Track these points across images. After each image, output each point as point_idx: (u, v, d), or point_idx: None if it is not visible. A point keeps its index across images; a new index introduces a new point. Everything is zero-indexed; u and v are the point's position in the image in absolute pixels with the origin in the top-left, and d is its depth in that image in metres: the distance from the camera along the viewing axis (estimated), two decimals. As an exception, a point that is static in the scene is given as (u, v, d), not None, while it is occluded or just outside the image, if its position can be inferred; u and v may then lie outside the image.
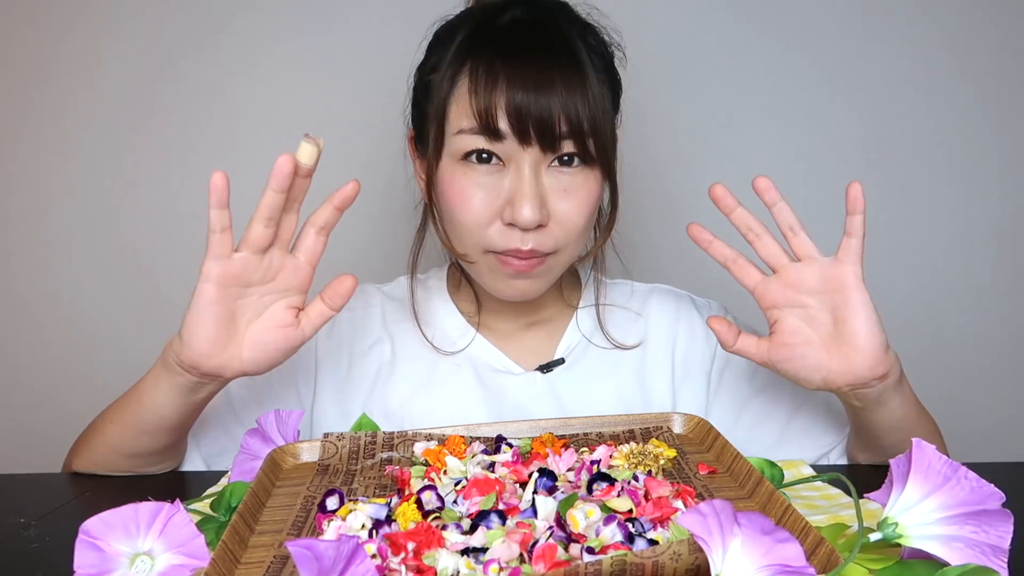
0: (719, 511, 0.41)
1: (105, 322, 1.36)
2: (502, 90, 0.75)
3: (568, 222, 0.80)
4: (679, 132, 1.33)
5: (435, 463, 0.65)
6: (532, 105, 0.75)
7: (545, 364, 0.91)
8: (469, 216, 0.79)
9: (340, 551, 0.40)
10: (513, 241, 0.79)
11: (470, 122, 0.77)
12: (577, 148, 0.78)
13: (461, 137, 0.78)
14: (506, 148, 0.77)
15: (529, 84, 0.75)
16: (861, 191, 0.70)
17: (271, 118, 1.33)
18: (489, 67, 0.76)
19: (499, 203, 0.78)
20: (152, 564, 0.47)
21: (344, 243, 1.35)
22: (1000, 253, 1.35)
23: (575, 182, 0.79)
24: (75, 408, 1.38)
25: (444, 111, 0.79)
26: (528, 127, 0.75)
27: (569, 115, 0.76)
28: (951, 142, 1.33)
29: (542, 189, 0.78)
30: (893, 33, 1.32)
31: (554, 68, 0.76)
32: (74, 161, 1.34)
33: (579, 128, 0.77)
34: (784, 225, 0.75)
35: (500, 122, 0.76)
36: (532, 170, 0.77)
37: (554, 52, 0.77)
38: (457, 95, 0.79)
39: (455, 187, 0.79)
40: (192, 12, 1.32)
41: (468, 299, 0.94)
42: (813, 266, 0.73)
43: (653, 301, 0.97)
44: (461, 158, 0.79)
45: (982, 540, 0.46)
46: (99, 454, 0.80)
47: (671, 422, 0.77)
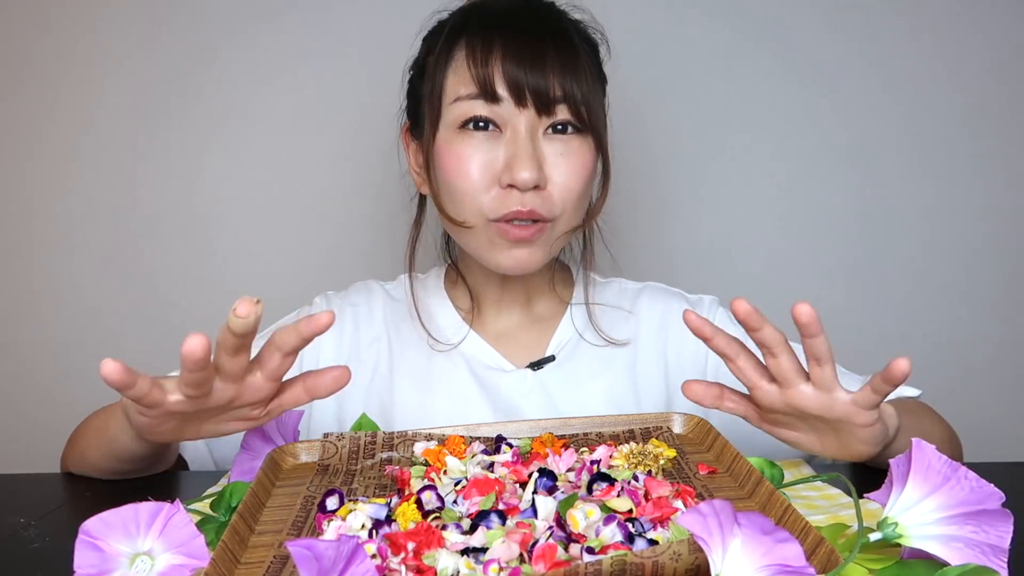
0: (719, 511, 0.41)
1: (105, 322, 1.36)
2: (499, 57, 0.79)
3: (565, 185, 0.82)
4: (673, 132, 1.33)
5: (435, 463, 0.65)
6: (528, 70, 0.78)
7: (535, 361, 0.92)
8: (467, 181, 0.81)
9: (340, 551, 0.39)
10: (512, 204, 0.80)
11: (468, 88, 0.80)
12: (571, 115, 0.81)
13: (459, 104, 0.81)
14: (503, 112, 0.80)
15: (525, 53, 0.79)
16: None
17: (271, 118, 1.33)
18: (485, 38, 0.80)
19: (497, 168, 0.81)
20: (152, 564, 0.47)
21: (344, 243, 1.35)
22: (1000, 253, 1.35)
23: (570, 147, 0.82)
24: (75, 408, 1.38)
25: (441, 83, 0.82)
26: (524, 89, 0.79)
27: (563, 84, 0.79)
28: (951, 142, 1.33)
29: (539, 152, 0.81)
30: (892, 33, 1.32)
31: (548, 42, 0.80)
32: (75, 161, 1.34)
33: (572, 96, 0.80)
34: (814, 355, 0.61)
35: (498, 85, 0.79)
36: (529, 133, 0.80)
37: (547, 29, 0.82)
38: (454, 66, 0.82)
39: (453, 155, 0.82)
40: (193, 14, 1.32)
41: (464, 296, 0.95)
42: (823, 398, 0.62)
43: (644, 299, 0.97)
44: (459, 127, 0.82)
45: (982, 540, 0.46)
46: (85, 466, 0.80)
47: (671, 422, 0.77)
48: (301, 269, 1.35)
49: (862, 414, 0.60)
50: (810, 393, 0.61)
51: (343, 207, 1.35)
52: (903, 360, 0.56)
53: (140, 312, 1.36)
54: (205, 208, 1.35)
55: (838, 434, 0.63)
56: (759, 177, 1.34)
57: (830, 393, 0.61)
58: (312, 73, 1.33)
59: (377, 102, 1.31)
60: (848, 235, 1.35)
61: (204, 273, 1.36)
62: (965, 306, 1.36)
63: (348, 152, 1.34)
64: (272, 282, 1.35)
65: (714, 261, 1.36)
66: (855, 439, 0.63)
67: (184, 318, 1.35)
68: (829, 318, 1.41)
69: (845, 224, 1.35)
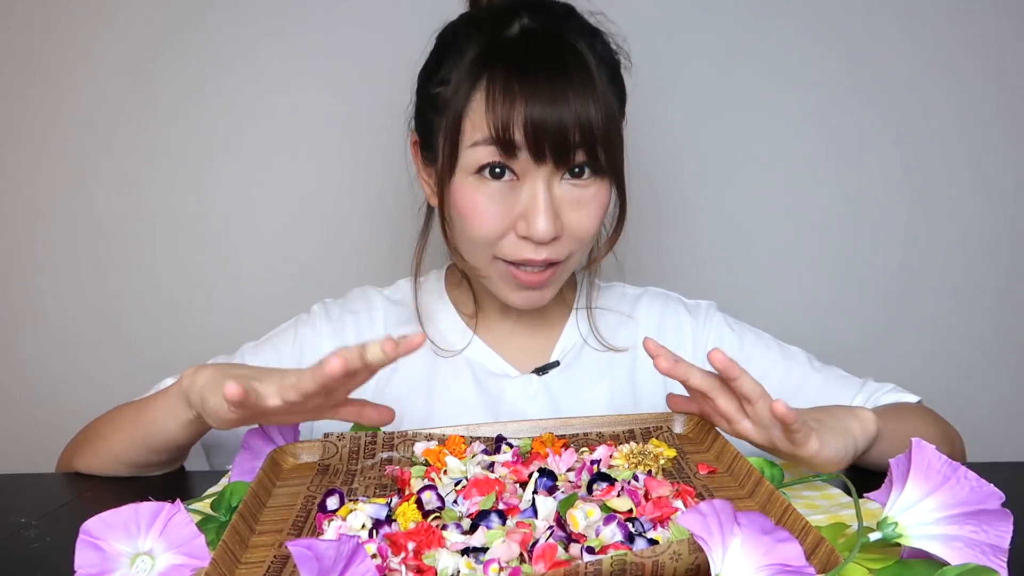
0: (719, 511, 0.41)
1: (105, 322, 1.36)
2: (519, 105, 0.76)
3: (580, 232, 0.82)
4: (675, 134, 1.33)
5: (435, 463, 0.65)
6: (548, 119, 0.76)
7: (541, 367, 0.92)
8: (482, 230, 0.80)
9: (340, 551, 0.40)
10: (525, 252, 0.80)
11: (484, 136, 0.77)
12: (588, 158, 0.79)
13: (476, 150, 0.79)
14: (520, 164, 0.78)
15: (545, 99, 0.76)
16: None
17: (270, 119, 1.33)
18: (505, 83, 0.77)
19: (512, 217, 0.80)
20: (152, 564, 0.47)
21: (344, 243, 1.35)
22: (1001, 253, 1.35)
23: (587, 194, 0.81)
24: (75, 408, 1.38)
25: (459, 125, 0.79)
26: (543, 142, 0.76)
27: (582, 127, 0.77)
28: (951, 143, 1.33)
29: (556, 203, 0.80)
30: (892, 33, 1.32)
31: (567, 82, 0.77)
32: (74, 161, 1.34)
33: (591, 139, 0.78)
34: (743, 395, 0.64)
35: (516, 136, 0.76)
36: (546, 184, 0.79)
37: (566, 65, 0.78)
38: (471, 109, 0.79)
39: (468, 201, 0.80)
40: (190, 12, 1.32)
41: (467, 300, 0.95)
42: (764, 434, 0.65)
43: (643, 304, 0.98)
44: (475, 172, 0.79)
45: (982, 540, 0.46)
46: (102, 459, 0.80)
47: (671, 422, 0.77)
48: (301, 269, 1.35)
49: (802, 448, 0.62)
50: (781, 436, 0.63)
51: (342, 208, 1.35)
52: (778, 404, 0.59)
53: (140, 312, 1.36)
54: (206, 209, 1.35)
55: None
56: (758, 178, 1.34)
57: (768, 430, 0.64)
58: (312, 74, 1.33)
59: (377, 103, 1.31)
60: (848, 235, 1.35)
61: (205, 274, 1.36)
62: (965, 306, 1.36)
63: (347, 153, 1.34)
64: (273, 282, 1.35)
65: (714, 262, 1.36)
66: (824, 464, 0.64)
67: (185, 319, 1.35)
68: (830, 318, 1.41)
69: (845, 224, 1.35)
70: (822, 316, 1.36)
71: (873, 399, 0.87)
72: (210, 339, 1.33)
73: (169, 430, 0.74)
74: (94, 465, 0.81)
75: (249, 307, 1.34)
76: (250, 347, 0.94)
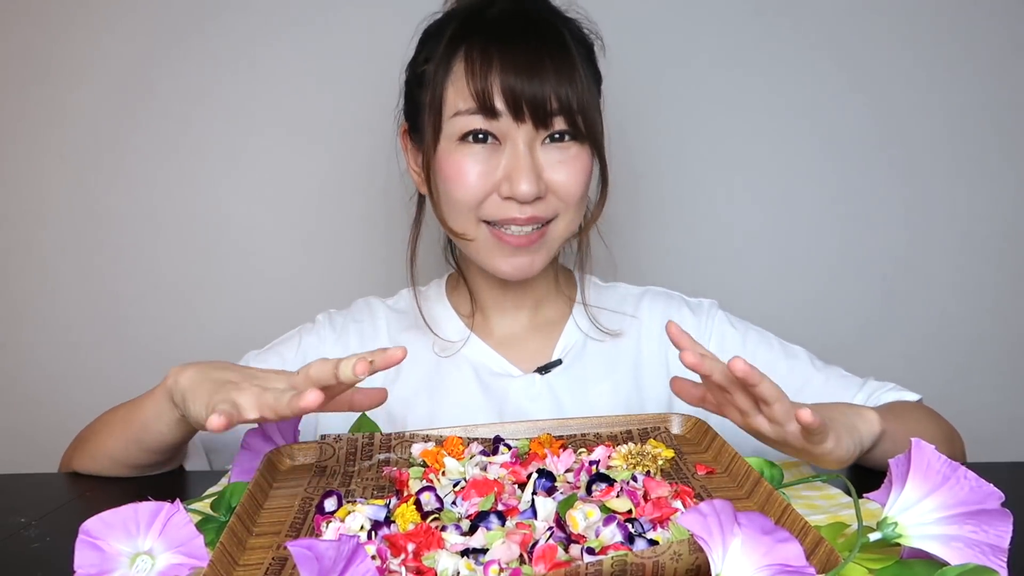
0: (719, 511, 0.41)
1: (106, 322, 1.36)
2: (496, 71, 0.80)
3: (564, 190, 0.84)
4: (672, 132, 1.33)
5: (433, 464, 0.65)
6: (525, 84, 0.80)
7: (543, 366, 0.92)
8: (466, 191, 0.83)
9: (340, 551, 0.40)
10: (510, 211, 0.83)
11: (467, 103, 0.81)
12: (568, 124, 0.82)
13: (459, 119, 0.82)
14: (501, 126, 0.82)
15: (522, 66, 0.80)
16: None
17: (268, 119, 1.33)
18: (484, 51, 0.81)
19: (496, 178, 0.83)
20: (152, 564, 0.47)
21: (346, 244, 1.35)
22: (1001, 253, 1.35)
23: (568, 154, 0.84)
24: (75, 408, 1.38)
25: (441, 96, 0.83)
26: (522, 104, 0.80)
27: (559, 95, 0.81)
28: (952, 142, 1.33)
29: (537, 163, 0.83)
30: (892, 32, 1.32)
31: (544, 52, 0.81)
32: (73, 161, 1.34)
33: (569, 106, 0.81)
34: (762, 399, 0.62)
35: (496, 101, 0.80)
36: (527, 146, 0.82)
37: (543, 38, 0.82)
38: (453, 79, 0.83)
39: (453, 166, 0.83)
40: (189, 12, 1.32)
41: (465, 301, 0.96)
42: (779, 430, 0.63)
43: (645, 303, 0.98)
44: (459, 139, 0.83)
45: (981, 540, 0.46)
46: (99, 461, 0.81)
47: (669, 422, 0.77)
48: (302, 270, 1.35)
49: (818, 447, 0.61)
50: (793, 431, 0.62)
51: (344, 209, 1.35)
52: (804, 412, 0.58)
53: (139, 312, 1.36)
54: (206, 209, 1.35)
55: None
56: (758, 177, 1.34)
57: (783, 427, 0.62)
58: (310, 73, 1.33)
59: (376, 103, 1.31)
60: (847, 234, 1.35)
61: (206, 274, 1.35)
62: (965, 305, 1.36)
63: (346, 153, 1.34)
64: (274, 283, 1.35)
65: (711, 261, 1.36)
66: (831, 458, 0.63)
67: (186, 319, 1.35)
68: (829, 318, 1.41)
69: (844, 223, 1.35)
70: (821, 316, 1.35)
71: (874, 398, 0.87)
72: (211, 339, 1.33)
73: (159, 430, 0.74)
74: (93, 467, 0.82)
75: (250, 307, 1.33)
76: (253, 355, 0.94)
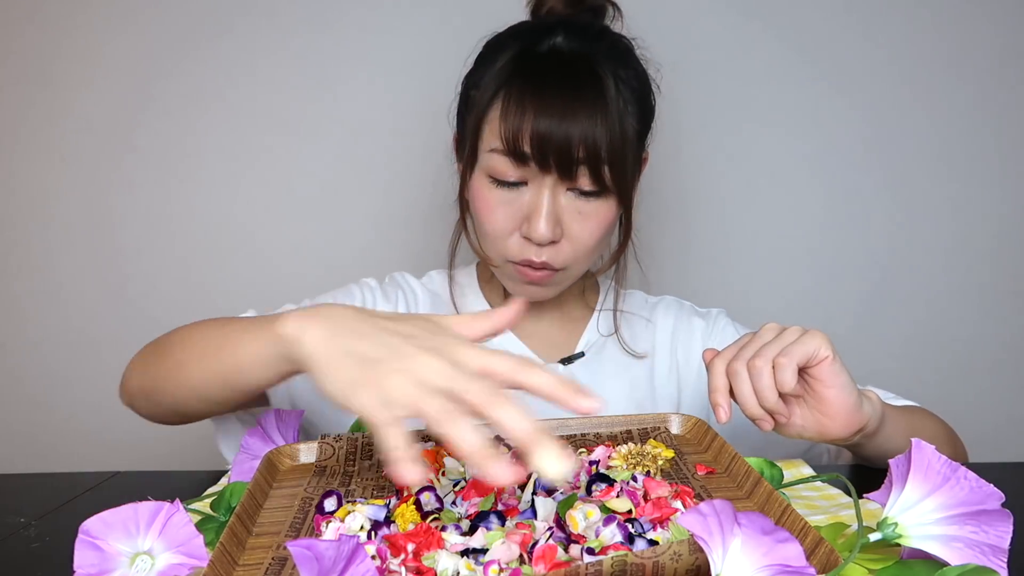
0: (719, 511, 0.41)
1: (104, 322, 1.36)
2: (529, 118, 0.81)
3: (579, 242, 0.86)
4: (670, 134, 1.33)
5: (433, 464, 0.65)
6: (555, 133, 0.80)
7: (566, 357, 0.97)
8: (493, 227, 0.86)
9: (340, 551, 0.40)
10: (528, 253, 0.86)
11: (499, 144, 0.83)
12: (593, 177, 0.83)
13: (492, 156, 0.84)
14: (530, 171, 0.83)
15: (554, 114, 0.80)
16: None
17: (271, 119, 1.33)
18: (520, 95, 0.82)
19: (519, 217, 0.85)
20: (152, 564, 0.47)
21: (350, 245, 1.35)
22: (1000, 253, 1.35)
23: (590, 208, 0.86)
24: (75, 408, 1.39)
25: (479, 129, 0.86)
26: (548, 154, 0.81)
27: (587, 144, 0.81)
28: (952, 142, 1.33)
29: (558, 209, 0.84)
30: (893, 33, 1.32)
31: (577, 100, 0.81)
32: (73, 161, 1.34)
33: (595, 157, 0.82)
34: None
35: (524, 146, 0.81)
36: (550, 191, 0.84)
37: (581, 85, 0.83)
38: (491, 117, 0.85)
39: (482, 200, 0.86)
40: (192, 13, 1.32)
41: (497, 294, 1.00)
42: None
43: (660, 309, 1.05)
44: (488, 176, 0.85)
45: (982, 540, 0.46)
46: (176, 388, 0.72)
47: (668, 423, 0.77)
48: (303, 270, 1.35)
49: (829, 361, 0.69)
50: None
51: (348, 210, 1.35)
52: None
53: (139, 312, 1.36)
54: (207, 210, 1.35)
55: (814, 395, 0.70)
56: (753, 179, 1.34)
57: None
58: (312, 74, 1.33)
59: (383, 102, 1.32)
60: (844, 236, 1.35)
61: (207, 275, 1.36)
62: (965, 306, 1.36)
63: (348, 153, 1.34)
64: (275, 284, 1.35)
65: (709, 262, 1.36)
66: (832, 400, 0.69)
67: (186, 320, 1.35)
68: (826, 321, 1.41)
69: (840, 226, 1.35)
70: (817, 317, 1.36)
71: None
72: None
73: (260, 377, 0.64)
74: (165, 393, 0.73)
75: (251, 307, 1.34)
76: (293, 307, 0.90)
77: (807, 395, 0.70)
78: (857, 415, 0.69)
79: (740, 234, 1.35)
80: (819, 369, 0.68)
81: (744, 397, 0.68)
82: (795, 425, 0.71)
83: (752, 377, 0.67)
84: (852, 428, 0.70)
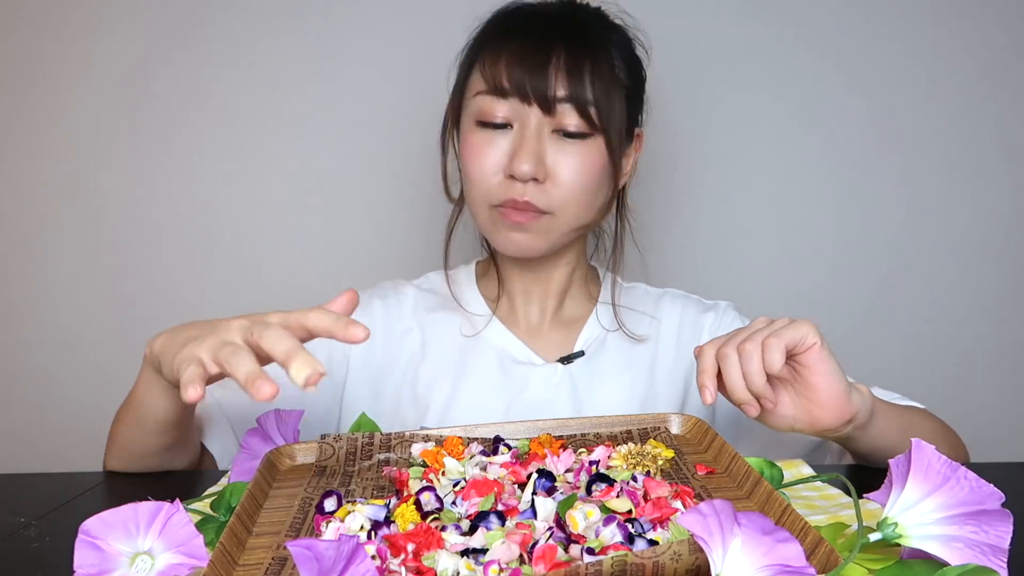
0: (719, 511, 0.41)
1: (104, 322, 1.36)
2: (507, 57, 0.83)
3: (564, 182, 0.86)
4: (670, 133, 1.33)
5: (433, 464, 0.65)
6: (530, 69, 0.82)
7: (566, 356, 0.95)
8: (478, 168, 0.87)
9: (340, 551, 0.39)
10: (512, 192, 0.85)
11: (482, 84, 0.85)
12: (579, 116, 0.84)
13: (477, 99, 0.86)
14: (513, 109, 0.84)
15: (530, 53, 0.83)
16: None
17: (269, 117, 1.33)
18: (503, 35, 0.86)
19: (504, 159, 0.85)
20: (152, 564, 0.47)
21: (350, 244, 1.35)
22: (1001, 253, 1.35)
23: (576, 148, 0.86)
24: (75, 408, 1.39)
25: (465, 80, 0.89)
26: (526, 86, 0.82)
27: (570, 85, 0.83)
28: (958, 143, 1.33)
29: (541, 146, 0.85)
30: (896, 33, 1.32)
31: (560, 38, 0.84)
32: (72, 161, 1.34)
33: (579, 98, 0.83)
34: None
35: (503, 79, 0.83)
36: (535, 130, 0.84)
37: (564, 28, 0.85)
38: (477, 65, 0.88)
39: (468, 145, 0.88)
40: (189, 11, 1.32)
41: (492, 285, 1.00)
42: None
43: (665, 303, 1.02)
44: (476, 121, 0.87)
45: (982, 540, 0.46)
46: (118, 455, 0.80)
47: (668, 422, 0.77)
48: (304, 271, 1.35)
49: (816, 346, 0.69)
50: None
51: (347, 209, 1.35)
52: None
53: (138, 312, 1.36)
54: (208, 210, 1.35)
55: (803, 382, 0.70)
56: (757, 177, 1.34)
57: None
58: (311, 73, 1.33)
59: (383, 101, 1.32)
60: (848, 236, 1.35)
61: (207, 275, 1.36)
62: (965, 306, 1.36)
63: (347, 153, 1.34)
64: (276, 284, 1.35)
65: (712, 260, 1.36)
66: (821, 387, 0.69)
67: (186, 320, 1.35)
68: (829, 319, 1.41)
69: (844, 225, 1.35)
70: (820, 316, 1.35)
71: None
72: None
73: (152, 404, 0.72)
74: (119, 464, 0.80)
75: (251, 307, 1.33)
76: None
77: (796, 383, 0.70)
78: (847, 404, 0.70)
79: (744, 232, 1.35)
80: (807, 355, 0.68)
81: (732, 380, 0.68)
82: (786, 416, 0.71)
83: (742, 360, 0.67)
84: (843, 417, 0.70)
